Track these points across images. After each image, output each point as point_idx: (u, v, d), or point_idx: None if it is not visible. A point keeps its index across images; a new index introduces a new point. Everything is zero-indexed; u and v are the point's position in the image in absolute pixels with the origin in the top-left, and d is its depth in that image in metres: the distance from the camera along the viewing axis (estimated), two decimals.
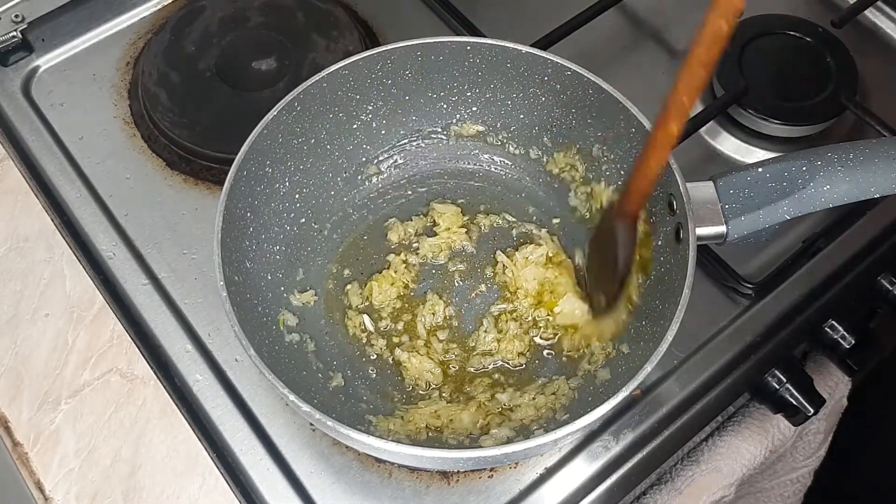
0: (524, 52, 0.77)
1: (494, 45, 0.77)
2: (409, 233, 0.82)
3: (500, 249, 0.81)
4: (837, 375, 0.91)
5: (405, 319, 0.79)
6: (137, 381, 0.78)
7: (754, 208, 0.69)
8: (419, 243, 0.82)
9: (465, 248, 0.82)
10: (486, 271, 0.81)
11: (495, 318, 0.78)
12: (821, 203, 0.68)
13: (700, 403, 0.79)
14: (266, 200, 0.77)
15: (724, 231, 0.69)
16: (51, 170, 0.89)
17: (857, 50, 0.94)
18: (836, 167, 0.68)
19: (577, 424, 0.61)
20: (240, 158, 0.72)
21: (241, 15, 0.97)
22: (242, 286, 0.71)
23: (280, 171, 0.78)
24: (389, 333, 0.78)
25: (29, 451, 0.75)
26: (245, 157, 0.72)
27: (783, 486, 1.02)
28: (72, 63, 0.96)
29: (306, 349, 0.75)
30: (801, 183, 0.68)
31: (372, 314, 0.79)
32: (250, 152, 0.73)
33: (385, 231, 0.83)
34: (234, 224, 0.72)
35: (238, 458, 0.75)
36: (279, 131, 0.75)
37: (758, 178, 0.69)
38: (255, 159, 0.74)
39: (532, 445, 0.61)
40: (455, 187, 0.85)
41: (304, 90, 0.75)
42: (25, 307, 0.81)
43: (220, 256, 0.67)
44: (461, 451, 0.61)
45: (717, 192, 0.70)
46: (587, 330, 0.76)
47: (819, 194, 0.68)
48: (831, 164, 0.68)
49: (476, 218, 0.83)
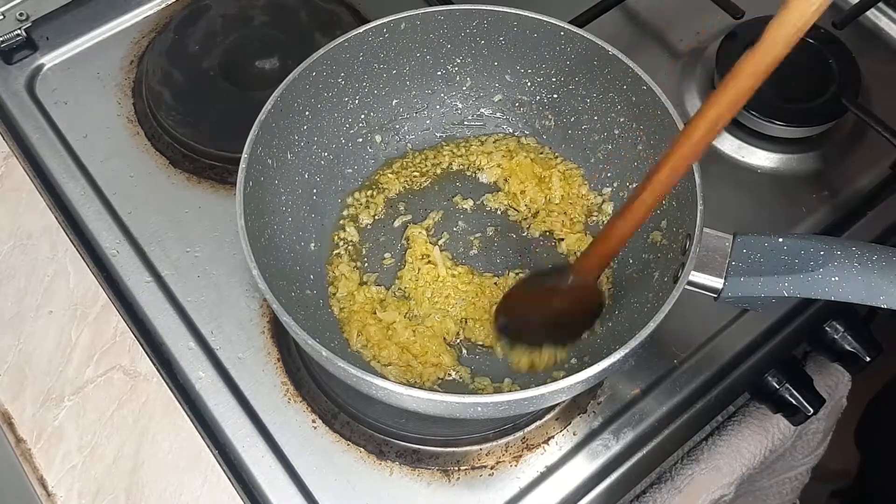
0: (610, 53, 0.76)
1: (585, 38, 0.77)
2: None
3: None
4: (837, 375, 0.91)
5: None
6: (140, 378, 0.78)
7: (756, 274, 0.66)
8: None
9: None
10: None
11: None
12: (823, 292, 0.65)
13: (700, 403, 0.79)
14: (331, 109, 0.79)
15: (720, 286, 0.67)
16: (55, 167, 0.89)
17: (858, 51, 0.94)
18: (853, 263, 0.64)
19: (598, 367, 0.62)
20: (321, 53, 0.75)
21: (245, 14, 0.98)
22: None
23: (353, 88, 0.80)
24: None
25: (32, 448, 0.75)
26: (317, 60, 0.75)
27: (781, 484, 1.02)
28: (76, 61, 0.97)
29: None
30: (811, 266, 0.65)
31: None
32: (325, 56, 0.75)
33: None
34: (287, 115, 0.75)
35: (240, 455, 0.75)
36: (362, 50, 0.78)
37: (773, 247, 0.66)
38: (330, 67, 0.76)
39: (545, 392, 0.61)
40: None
41: (403, 18, 0.78)
42: (29, 304, 0.82)
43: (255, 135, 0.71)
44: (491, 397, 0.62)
45: (731, 247, 0.67)
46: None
47: (825, 283, 0.64)
48: (849, 257, 0.64)
49: None
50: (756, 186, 0.90)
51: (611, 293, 0.78)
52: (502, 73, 0.84)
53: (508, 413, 0.69)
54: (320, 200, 0.81)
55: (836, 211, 0.88)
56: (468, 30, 0.80)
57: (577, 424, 0.77)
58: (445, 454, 0.76)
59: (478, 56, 0.83)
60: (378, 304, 0.77)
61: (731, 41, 0.94)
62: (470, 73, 0.84)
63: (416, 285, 0.78)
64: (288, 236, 0.76)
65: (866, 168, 0.91)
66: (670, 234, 0.74)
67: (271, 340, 0.80)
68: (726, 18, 0.95)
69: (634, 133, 0.79)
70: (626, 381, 0.79)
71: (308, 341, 0.63)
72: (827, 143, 0.93)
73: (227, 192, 0.88)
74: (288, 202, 0.77)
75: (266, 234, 0.72)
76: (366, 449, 0.76)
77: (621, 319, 0.75)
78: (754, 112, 0.90)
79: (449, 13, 0.78)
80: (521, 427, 0.76)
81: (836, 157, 0.92)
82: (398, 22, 0.78)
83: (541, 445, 0.76)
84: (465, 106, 0.86)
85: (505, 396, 0.62)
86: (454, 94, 0.86)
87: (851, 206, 0.88)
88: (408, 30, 0.78)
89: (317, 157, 0.80)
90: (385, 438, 0.76)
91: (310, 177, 0.80)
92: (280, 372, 0.79)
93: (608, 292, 0.78)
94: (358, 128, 0.83)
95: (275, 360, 0.79)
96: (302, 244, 0.78)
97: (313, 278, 0.77)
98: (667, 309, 0.63)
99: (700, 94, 0.95)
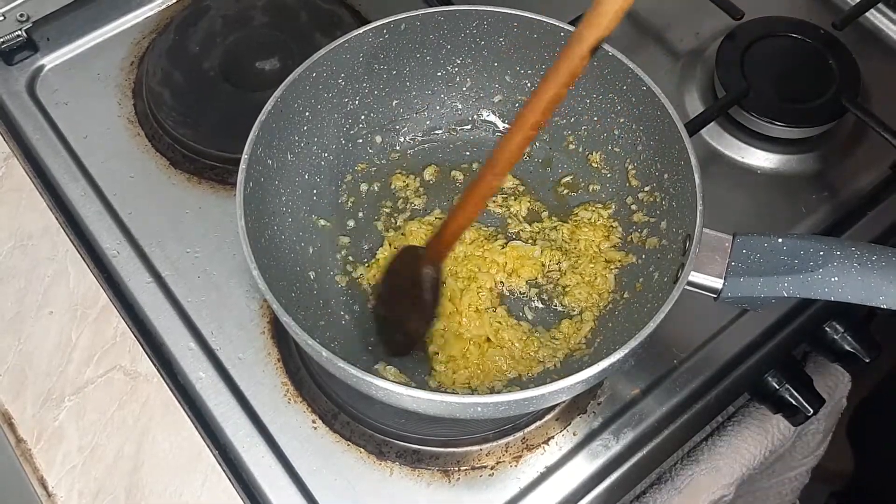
0: (610, 53, 0.76)
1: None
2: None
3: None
4: (837, 375, 0.91)
5: None
6: (140, 378, 0.78)
7: (756, 275, 0.66)
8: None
9: None
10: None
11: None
12: (822, 293, 0.64)
13: (700, 403, 0.79)
14: (331, 110, 0.79)
15: (719, 286, 0.67)
16: (55, 168, 0.89)
17: (858, 52, 0.94)
18: (853, 263, 0.64)
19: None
20: (321, 54, 0.75)
21: (245, 15, 0.98)
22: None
23: (353, 88, 0.80)
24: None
25: (32, 448, 0.75)
26: (318, 61, 0.75)
27: (781, 484, 1.02)
28: (76, 62, 0.97)
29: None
30: (811, 266, 0.65)
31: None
32: (325, 57, 0.75)
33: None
34: (286, 116, 0.75)
35: (240, 455, 0.75)
36: (362, 51, 0.78)
37: (773, 247, 0.66)
38: (331, 68, 0.77)
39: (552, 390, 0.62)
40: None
41: (403, 19, 0.78)
42: (29, 304, 0.82)
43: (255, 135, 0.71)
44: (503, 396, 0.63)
45: (730, 247, 0.67)
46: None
47: (824, 283, 0.64)
48: (849, 258, 0.64)
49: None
50: (756, 187, 0.90)
51: (611, 294, 0.78)
52: (502, 73, 0.84)
53: (508, 413, 0.69)
54: (320, 201, 0.81)
55: (835, 211, 0.89)
56: (468, 31, 0.80)
57: (577, 425, 0.77)
58: (445, 454, 0.76)
59: (478, 57, 0.83)
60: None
61: (730, 41, 0.94)
62: (470, 73, 0.84)
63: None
64: (288, 237, 0.76)
65: (866, 168, 0.91)
66: (670, 234, 0.74)
67: (271, 341, 0.80)
68: (726, 19, 0.95)
69: (634, 133, 0.79)
70: (626, 382, 0.79)
71: (308, 341, 0.63)
72: (827, 143, 0.93)
73: (228, 192, 0.88)
74: (288, 203, 0.77)
75: (266, 234, 0.73)
76: (366, 449, 0.76)
77: (621, 319, 0.75)
78: (754, 113, 0.91)
79: (449, 14, 0.78)
80: (521, 427, 0.76)
81: (835, 158, 0.92)
82: (398, 23, 0.78)
83: (541, 446, 0.76)
84: (465, 107, 0.86)
85: (505, 396, 0.62)
86: (454, 94, 0.86)
87: (851, 207, 0.88)
88: (408, 31, 0.78)
89: (317, 157, 0.80)
90: (385, 439, 0.76)
91: (310, 177, 0.80)
92: (280, 372, 0.79)
93: (609, 292, 0.78)
94: (358, 128, 0.83)
95: (275, 361, 0.79)
96: (302, 245, 0.78)
97: (313, 278, 0.77)
98: (667, 309, 0.63)
99: (700, 94, 0.95)
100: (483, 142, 0.87)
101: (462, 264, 0.79)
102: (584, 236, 0.80)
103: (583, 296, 0.78)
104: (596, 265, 0.79)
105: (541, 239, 0.81)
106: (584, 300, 0.78)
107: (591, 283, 0.78)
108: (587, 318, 0.77)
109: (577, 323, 0.77)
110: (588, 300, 0.78)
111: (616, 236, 0.80)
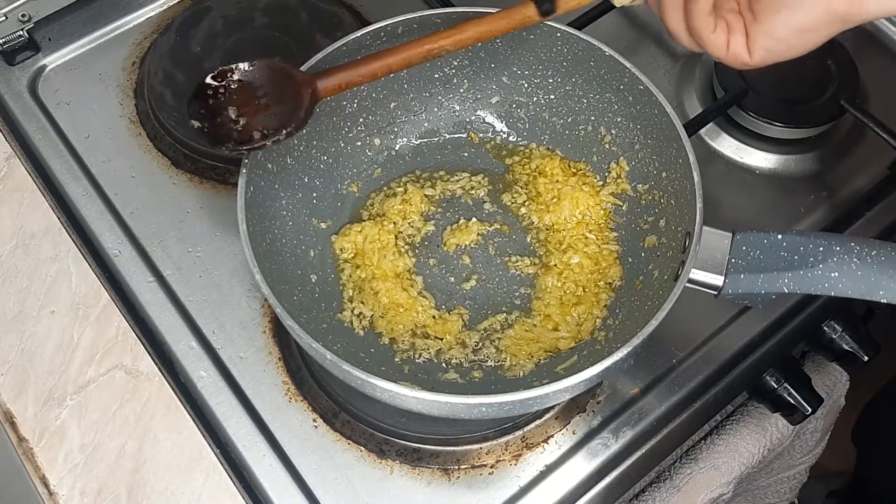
0: (607, 53, 0.77)
1: (581, 39, 0.78)
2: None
3: None
4: (835, 375, 0.91)
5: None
6: (142, 377, 0.79)
7: (756, 271, 0.66)
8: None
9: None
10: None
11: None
12: (822, 288, 0.65)
13: (699, 402, 0.79)
14: (329, 113, 0.80)
15: (720, 283, 0.67)
16: (57, 168, 0.89)
17: (857, 52, 0.94)
18: (853, 258, 0.64)
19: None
20: (319, 57, 0.75)
21: (246, 16, 0.98)
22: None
23: (351, 91, 0.80)
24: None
25: (34, 447, 0.76)
26: (316, 64, 0.75)
27: (780, 482, 1.02)
28: (78, 62, 0.97)
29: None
30: (811, 262, 0.65)
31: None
32: (324, 60, 0.75)
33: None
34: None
35: (241, 454, 0.75)
36: (360, 54, 0.77)
37: (773, 244, 0.67)
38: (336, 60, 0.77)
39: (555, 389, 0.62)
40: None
41: (400, 22, 0.78)
42: (31, 304, 0.82)
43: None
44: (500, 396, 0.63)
45: (730, 244, 0.68)
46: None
47: (824, 278, 0.64)
48: (849, 253, 0.64)
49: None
50: (755, 187, 0.91)
51: (611, 293, 0.78)
52: (499, 75, 0.84)
53: (512, 413, 0.69)
54: (320, 204, 0.81)
55: (834, 211, 0.89)
56: None
57: (576, 423, 0.77)
58: (445, 453, 0.76)
59: (475, 58, 0.83)
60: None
61: None
62: (467, 75, 0.84)
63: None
64: (289, 240, 0.77)
65: (864, 169, 0.92)
66: (669, 232, 0.74)
67: (272, 340, 0.80)
68: None
69: (632, 133, 0.79)
70: (626, 380, 0.79)
71: (312, 345, 0.63)
72: (825, 144, 0.93)
73: (229, 192, 0.88)
74: (288, 206, 0.77)
75: (267, 238, 0.73)
76: (366, 448, 0.76)
77: (622, 318, 0.75)
78: (753, 113, 0.91)
79: (446, 16, 0.78)
80: (521, 426, 0.77)
81: (834, 158, 0.93)
82: (395, 26, 0.78)
83: (540, 444, 0.77)
84: (463, 108, 0.87)
85: (508, 396, 0.62)
86: (452, 96, 0.86)
87: (850, 207, 0.89)
88: (405, 33, 0.78)
89: (316, 160, 0.81)
90: (385, 437, 0.76)
91: (309, 180, 0.80)
92: (281, 371, 0.79)
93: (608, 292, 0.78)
94: (357, 131, 0.83)
95: (276, 360, 0.80)
96: (303, 248, 0.78)
97: (315, 281, 0.77)
98: (668, 307, 0.64)
99: (699, 95, 0.95)
100: (481, 143, 0.87)
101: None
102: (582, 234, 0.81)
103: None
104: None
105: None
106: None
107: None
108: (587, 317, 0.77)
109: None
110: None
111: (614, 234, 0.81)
